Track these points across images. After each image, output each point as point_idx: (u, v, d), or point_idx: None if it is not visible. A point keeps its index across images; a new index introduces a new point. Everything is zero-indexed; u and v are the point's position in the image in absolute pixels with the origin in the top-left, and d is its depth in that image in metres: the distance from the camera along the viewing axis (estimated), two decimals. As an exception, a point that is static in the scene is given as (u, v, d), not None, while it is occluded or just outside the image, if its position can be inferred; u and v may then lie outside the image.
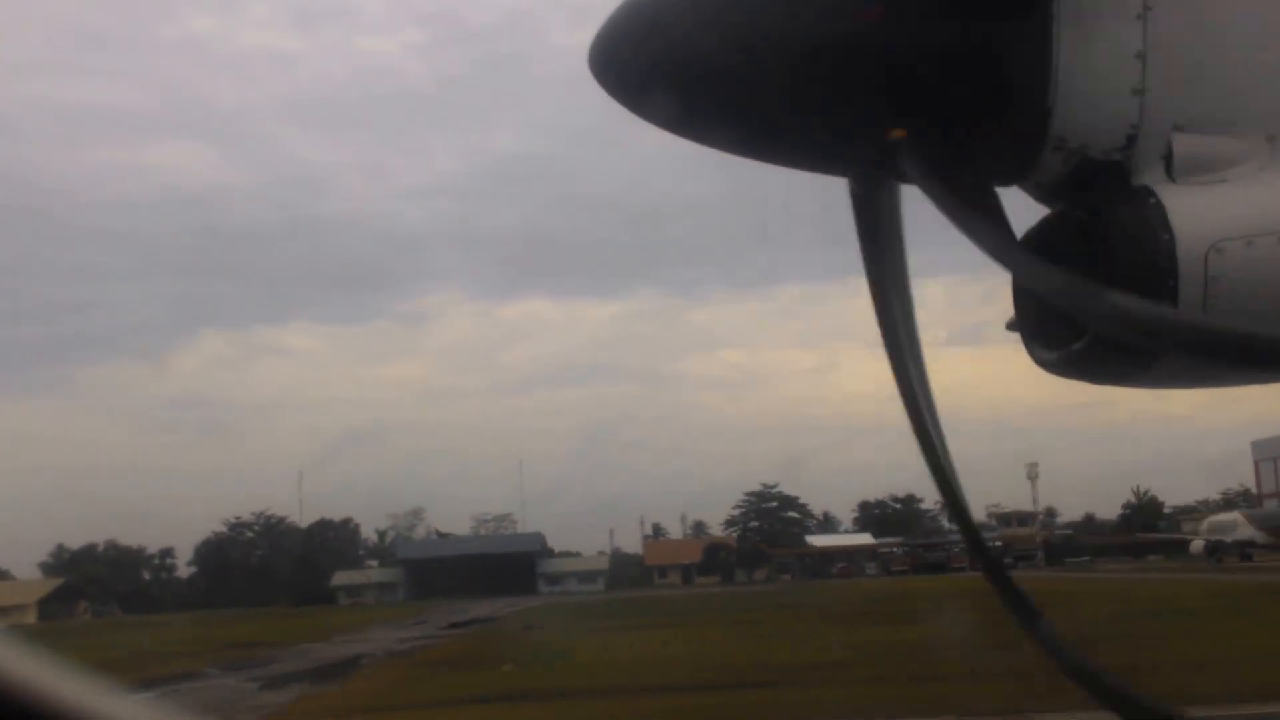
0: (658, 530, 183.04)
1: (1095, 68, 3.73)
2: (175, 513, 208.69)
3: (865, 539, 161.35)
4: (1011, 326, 4.21)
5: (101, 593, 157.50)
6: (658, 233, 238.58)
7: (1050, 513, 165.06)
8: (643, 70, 3.91)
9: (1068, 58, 3.71)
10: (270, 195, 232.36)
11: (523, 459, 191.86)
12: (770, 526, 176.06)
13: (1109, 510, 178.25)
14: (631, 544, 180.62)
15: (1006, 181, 4.01)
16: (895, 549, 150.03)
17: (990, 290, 4.02)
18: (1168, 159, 3.78)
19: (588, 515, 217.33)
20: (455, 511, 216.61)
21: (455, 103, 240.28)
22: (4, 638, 1.70)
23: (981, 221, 3.70)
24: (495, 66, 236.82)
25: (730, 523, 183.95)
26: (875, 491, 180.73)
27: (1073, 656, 4.28)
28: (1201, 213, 3.69)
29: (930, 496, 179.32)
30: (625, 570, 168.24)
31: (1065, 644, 4.34)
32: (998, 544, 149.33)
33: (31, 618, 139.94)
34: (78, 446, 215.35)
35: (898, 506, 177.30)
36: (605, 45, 3.95)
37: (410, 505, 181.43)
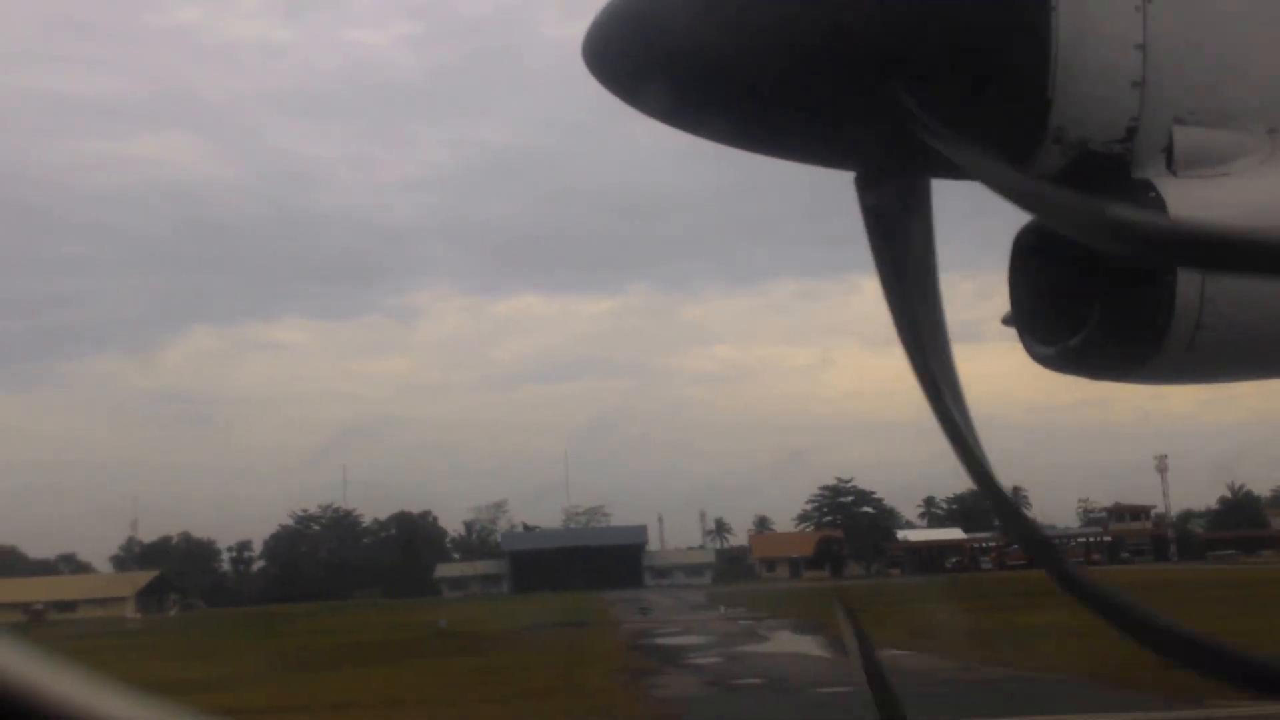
0: (763, 524, 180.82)
1: (1095, 59, 3.66)
2: (164, 505, 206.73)
3: (956, 534, 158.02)
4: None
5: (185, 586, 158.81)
6: (650, 227, 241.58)
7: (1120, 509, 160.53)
8: (637, 59, 3.87)
9: (1067, 49, 3.65)
10: (259, 188, 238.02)
11: (567, 452, 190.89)
12: (846, 521, 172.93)
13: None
14: (680, 539, 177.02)
15: None
16: (989, 544, 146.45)
17: (985, 286, 4.02)
18: (1168, 152, 3.74)
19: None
20: (454, 505, 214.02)
21: (446, 95, 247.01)
22: (4, 637, 1.88)
23: (983, 154, 3.59)
24: (486, 59, 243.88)
25: (804, 517, 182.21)
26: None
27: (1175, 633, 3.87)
28: (1201, 206, 3.64)
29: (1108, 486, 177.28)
30: (730, 564, 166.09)
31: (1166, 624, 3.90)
32: (1106, 539, 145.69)
33: (131, 610, 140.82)
34: (63, 440, 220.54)
35: (955, 506, 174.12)
36: (599, 34, 3.90)
37: (493, 499, 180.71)
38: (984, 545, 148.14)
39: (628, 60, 3.89)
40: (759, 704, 27.18)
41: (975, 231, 4.09)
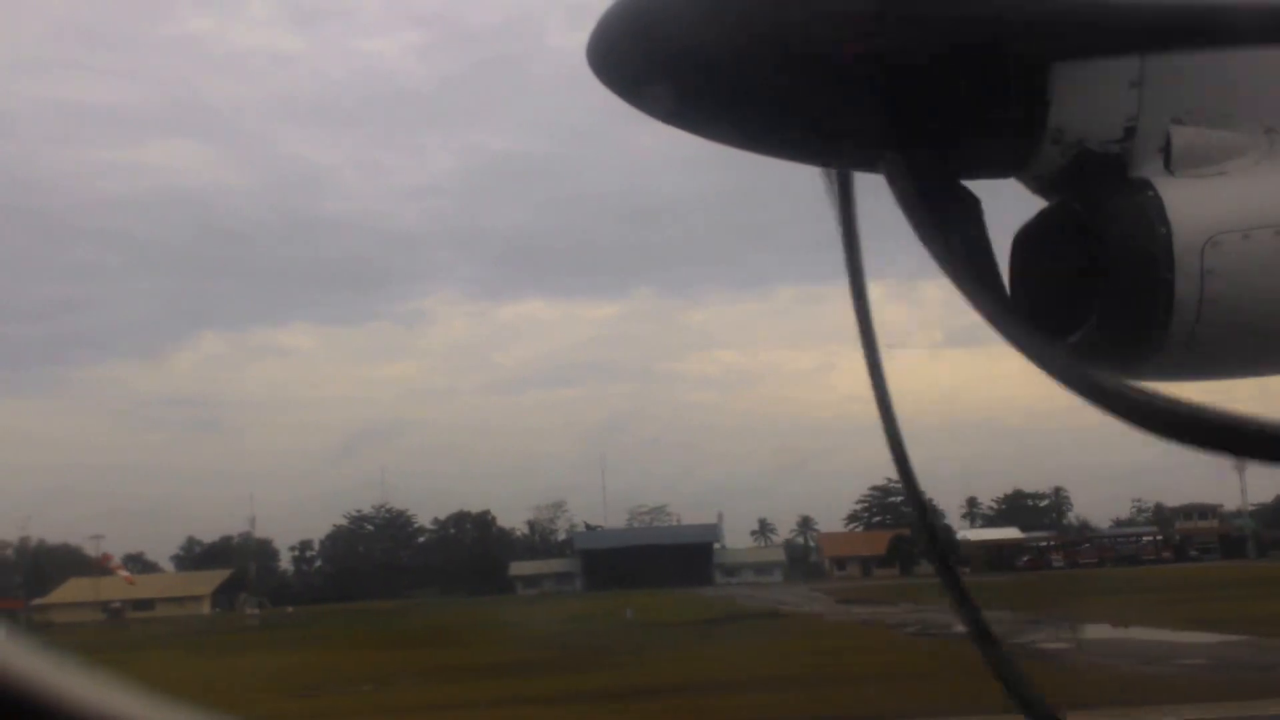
0: (807, 524, 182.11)
1: (1093, 59, 3.71)
2: (173, 512, 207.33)
3: (1014, 533, 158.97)
4: None
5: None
6: (654, 232, 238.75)
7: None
8: (642, 60, 3.86)
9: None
10: (268, 195, 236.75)
11: (604, 455, 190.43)
12: (896, 521, 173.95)
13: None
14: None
15: (1004, 173, 3.98)
16: (1048, 543, 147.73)
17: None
18: (1166, 151, 3.76)
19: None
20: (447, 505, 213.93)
21: (453, 103, 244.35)
22: (5, 637, 1.81)
23: (960, 265, 3.66)
24: (493, 67, 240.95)
25: (853, 517, 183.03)
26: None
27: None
28: (1199, 206, 3.65)
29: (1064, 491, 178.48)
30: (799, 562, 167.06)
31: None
32: (1176, 538, 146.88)
33: (206, 609, 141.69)
34: (73, 446, 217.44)
35: (1003, 506, 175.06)
36: (604, 35, 3.88)
37: (552, 498, 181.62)
38: (1044, 544, 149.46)
39: (632, 61, 3.92)
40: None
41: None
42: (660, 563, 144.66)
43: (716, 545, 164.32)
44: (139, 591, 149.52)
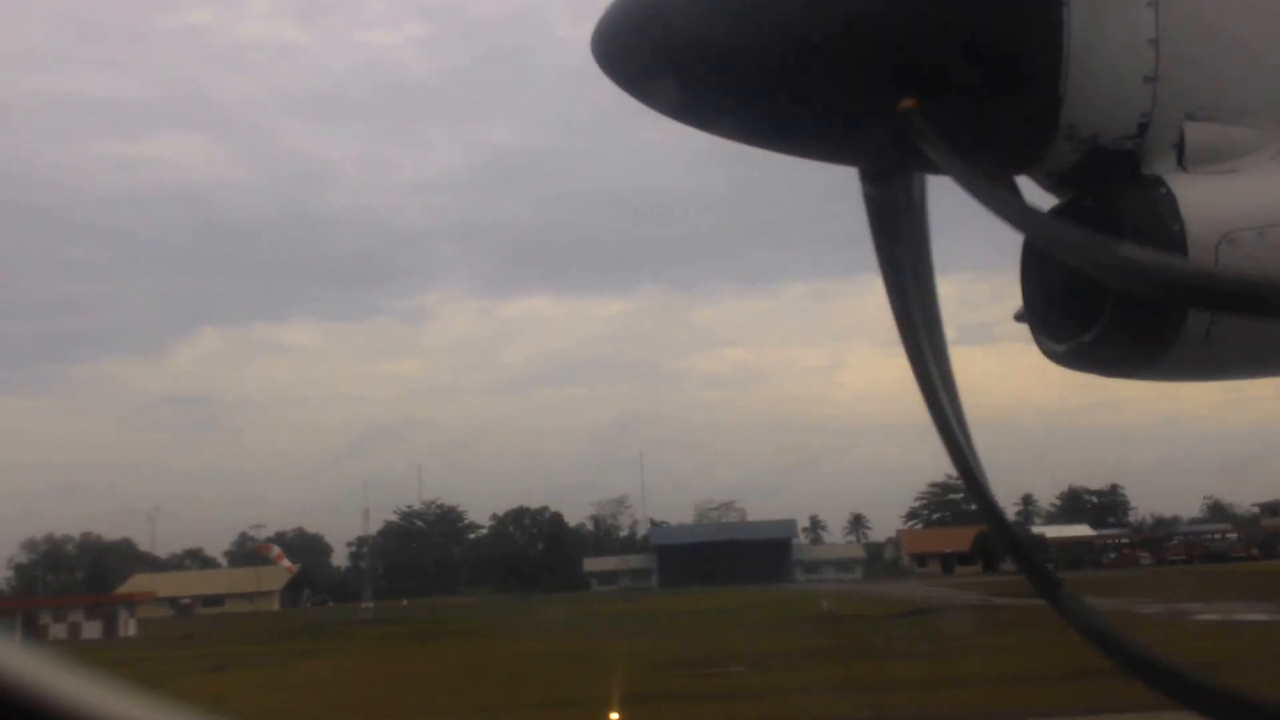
0: (859, 522, 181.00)
1: (1107, 55, 3.67)
2: (176, 511, 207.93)
3: (1085, 530, 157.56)
4: (1020, 318, 4.16)
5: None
6: (661, 229, 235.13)
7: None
8: (647, 55, 3.84)
9: (1079, 44, 3.65)
10: (270, 189, 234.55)
11: (642, 453, 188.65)
12: (954, 518, 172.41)
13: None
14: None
15: (1017, 170, 3.97)
16: (1121, 539, 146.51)
17: (999, 288, 4.14)
18: (1179, 148, 3.73)
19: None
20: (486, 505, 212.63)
21: (458, 97, 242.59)
22: (4, 637, 1.90)
23: (994, 185, 3.62)
24: (499, 60, 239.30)
25: (912, 514, 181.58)
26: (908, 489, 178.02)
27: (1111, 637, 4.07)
28: (1213, 203, 3.62)
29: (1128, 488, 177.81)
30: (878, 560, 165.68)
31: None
32: (1260, 535, 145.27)
33: (276, 605, 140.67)
34: (74, 444, 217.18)
35: (1063, 503, 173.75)
36: (609, 29, 3.88)
37: (615, 494, 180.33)
38: (1123, 540, 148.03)
39: (638, 56, 3.87)
40: None
41: (988, 232, 3.90)
42: (738, 559, 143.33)
43: (796, 541, 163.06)
44: (208, 587, 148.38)
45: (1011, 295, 4.14)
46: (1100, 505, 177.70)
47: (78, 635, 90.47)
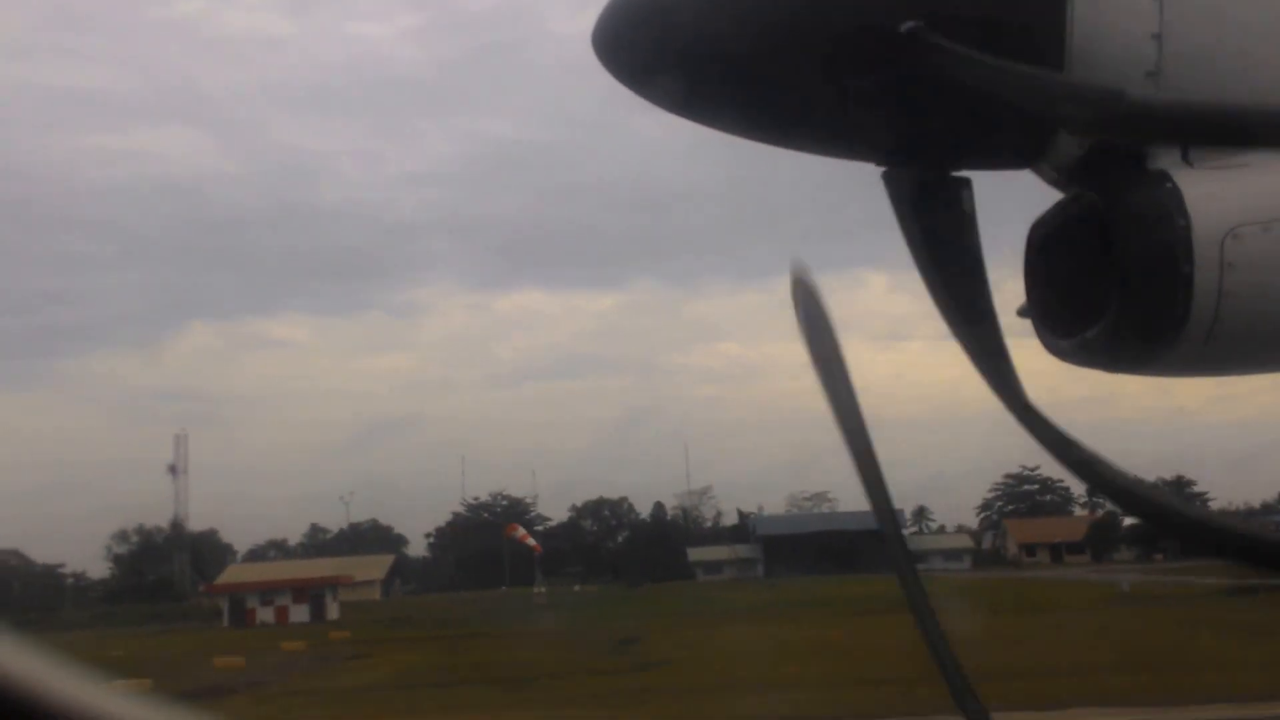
0: (922, 514, 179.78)
1: (1110, 49, 3.66)
2: (163, 506, 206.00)
3: None
4: (1023, 313, 4.16)
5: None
6: (656, 223, 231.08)
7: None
8: (648, 49, 3.83)
9: (1082, 39, 3.65)
10: (261, 182, 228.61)
11: (688, 448, 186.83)
12: (1031, 509, 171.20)
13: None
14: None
15: (1021, 164, 3.98)
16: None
17: (997, 280, 3.95)
18: (1183, 146, 3.70)
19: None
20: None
21: (451, 89, 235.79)
22: (3, 638, 1.98)
23: (1014, 68, 3.58)
24: (492, 52, 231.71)
25: (985, 506, 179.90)
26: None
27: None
28: (1218, 198, 3.60)
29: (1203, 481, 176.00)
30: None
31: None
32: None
33: (378, 594, 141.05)
34: (63, 439, 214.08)
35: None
36: (610, 24, 3.87)
37: (699, 485, 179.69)
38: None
39: (639, 50, 3.84)
40: None
41: (987, 224, 3.91)
42: (843, 548, 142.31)
43: (905, 531, 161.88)
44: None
45: (1012, 288, 4.10)
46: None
47: (285, 619, 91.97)
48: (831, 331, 4.03)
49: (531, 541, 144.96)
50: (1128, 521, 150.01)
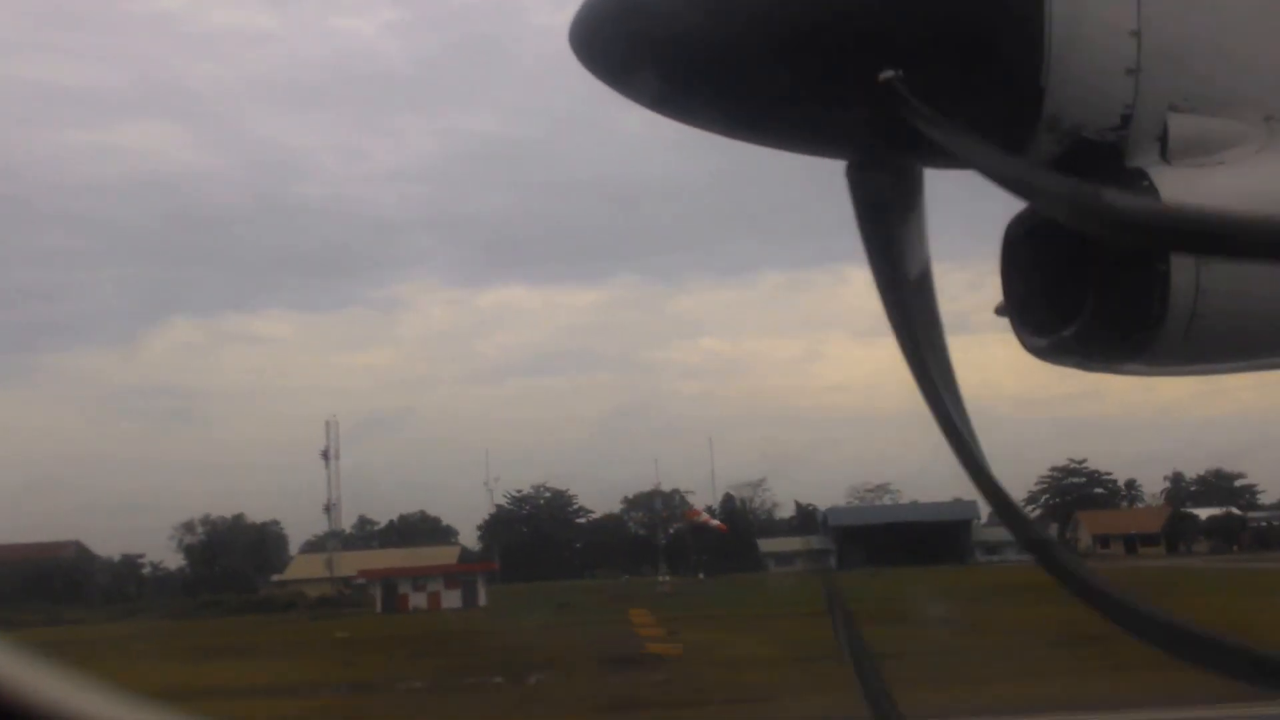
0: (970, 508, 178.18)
1: (1089, 46, 3.64)
2: (144, 503, 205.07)
3: (1233, 511, 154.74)
4: (1001, 312, 4.15)
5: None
6: (637, 218, 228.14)
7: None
8: (626, 46, 3.83)
9: (1061, 36, 3.63)
10: (242, 178, 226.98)
11: (711, 441, 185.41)
12: (1079, 502, 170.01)
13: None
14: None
15: None
16: (1266, 522, 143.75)
17: (976, 277, 3.99)
18: (1163, 140, 3.70)
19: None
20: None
21: (433, 84, 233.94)
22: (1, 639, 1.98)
23: (983, 145, 3.56)
24: (474, 47, 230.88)
25: (1031, 499, 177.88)
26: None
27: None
28: (1196, 195, 3.59)
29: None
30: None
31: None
32: None
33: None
34: (44, 436, 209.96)
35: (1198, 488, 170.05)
36: (587, 20, 3.87)
37: (754, 477, 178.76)
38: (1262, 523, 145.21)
39: (616, 47, 3.83)
40: None
41: (966, 221, 3.85)
42: (917, 539, 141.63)
43: (977, 522, 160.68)
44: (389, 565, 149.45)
45: (988, 284, 4.10)
46: (1207, 490, 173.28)
47: (438, 605, 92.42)
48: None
49: (716, 522, 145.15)
50: (1206, 513, 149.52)
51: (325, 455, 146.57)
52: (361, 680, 40.05)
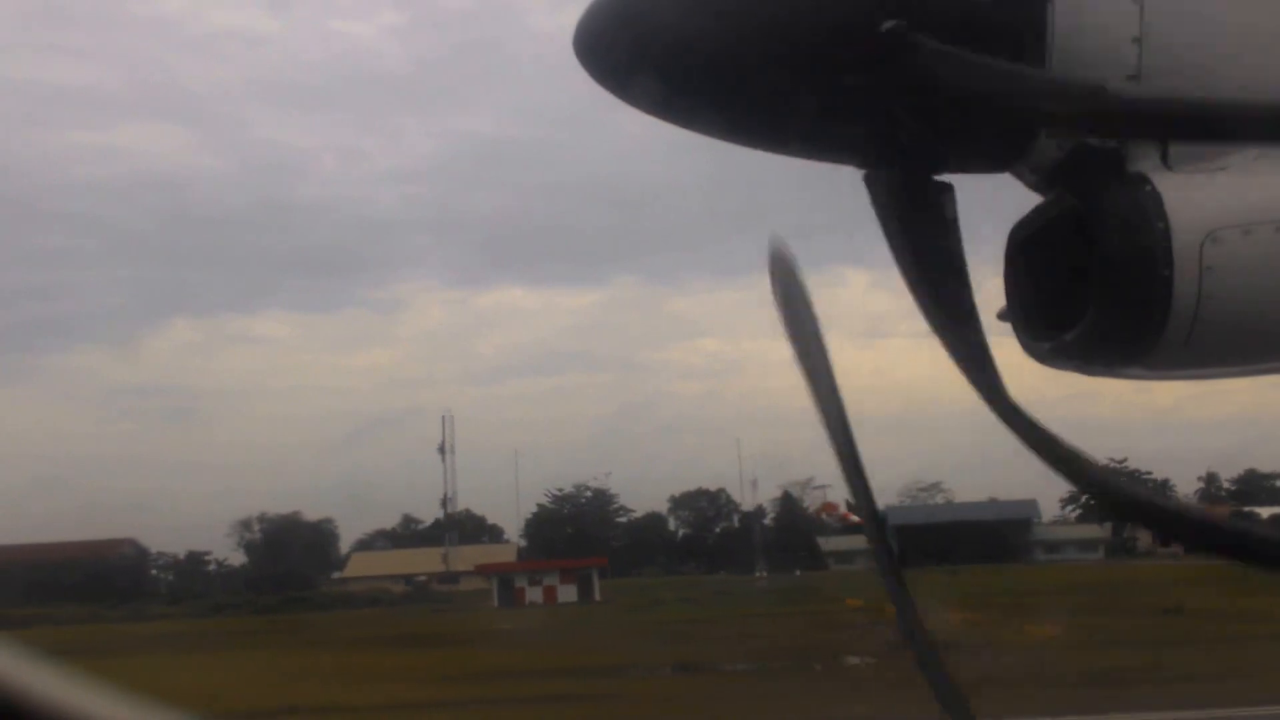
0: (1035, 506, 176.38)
1: (1091, 52, 3.67)
2: (144, 503, 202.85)
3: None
4: (1002, 316, 4.16)
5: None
6: (637, 219, 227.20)
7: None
8: (629, 52, 3.83)
9: (1063, 41, 3.66)
10: (242, 179, 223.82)
11: (739, 444, 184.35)
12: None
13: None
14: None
15: (999, 167, 3.98)
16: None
17: (978, 283, 3.94)
18: (1163, 146, 3.71)
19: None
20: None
21: (433, 86, 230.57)
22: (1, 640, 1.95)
23: (995, 62, 3.65)
24: (474, 50, 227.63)
25: (1071, 499, 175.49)
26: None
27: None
28: (1197, 201, 3.62)
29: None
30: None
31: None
32: None
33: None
34: (45, 436, 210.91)
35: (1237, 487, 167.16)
36: (591, 26, 3.87)
37: (803, 476, 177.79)
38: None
39: (619, 53, 3.83)
40: None
41: (968, 227, 3.91)
42: (977, 539, 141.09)
43: (1037, 522, 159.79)
44: (436, 564, 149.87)
45: (991, 288, 4.12)
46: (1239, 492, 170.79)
47: (554, 599, 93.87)
48: (810, 307, 4.06)
49: (855, 518, 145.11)
50: (1269, 512, 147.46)
51: (441, 449, 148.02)
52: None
